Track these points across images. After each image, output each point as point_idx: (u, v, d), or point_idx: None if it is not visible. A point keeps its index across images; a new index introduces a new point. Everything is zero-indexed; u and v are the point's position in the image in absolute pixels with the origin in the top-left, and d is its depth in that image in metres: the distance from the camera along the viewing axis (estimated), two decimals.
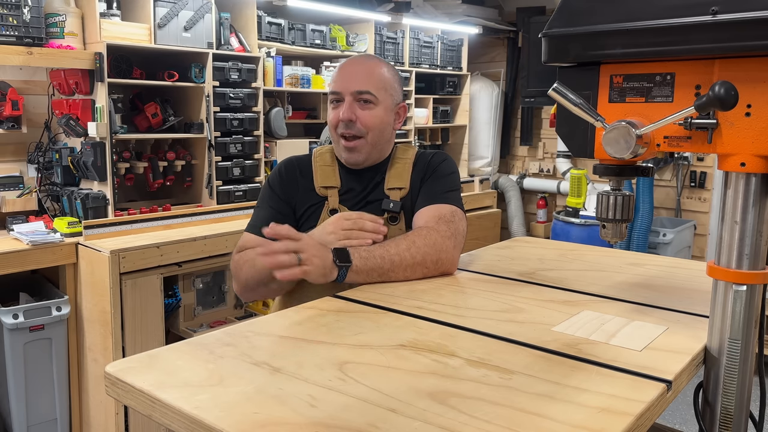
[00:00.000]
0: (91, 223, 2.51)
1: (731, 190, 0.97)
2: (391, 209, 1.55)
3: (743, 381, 1.01)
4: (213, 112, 3.00)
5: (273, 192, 1.63)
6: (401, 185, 1.59)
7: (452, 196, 1.57)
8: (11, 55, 2.40)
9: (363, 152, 1.57)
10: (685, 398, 1.69)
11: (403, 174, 1.61)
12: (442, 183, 1.59)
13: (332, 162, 1.64)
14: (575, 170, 4.13)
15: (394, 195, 1.58)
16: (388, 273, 1.39)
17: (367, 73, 1.59)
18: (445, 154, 1.69)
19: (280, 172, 1.65)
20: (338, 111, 1.57)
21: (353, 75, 1.58)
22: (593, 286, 1.40)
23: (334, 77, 1.60)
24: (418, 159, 1.65)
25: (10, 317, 2.32)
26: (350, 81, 1.57)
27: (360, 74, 1.58)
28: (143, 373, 0.93)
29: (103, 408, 2.50)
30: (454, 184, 1.62)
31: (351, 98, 1.55)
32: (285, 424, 0.78)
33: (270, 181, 1.66)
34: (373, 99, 1.57)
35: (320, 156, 1.66)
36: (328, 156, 1.65)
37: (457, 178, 1.64)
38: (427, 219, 1.50)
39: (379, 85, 1.58)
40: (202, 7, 2.92)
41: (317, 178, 1.61)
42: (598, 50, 1.00)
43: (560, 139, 1.17)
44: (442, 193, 1.57)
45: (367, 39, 3.84)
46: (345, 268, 1.34)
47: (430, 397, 0.85)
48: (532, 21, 4.43)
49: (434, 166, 1.62)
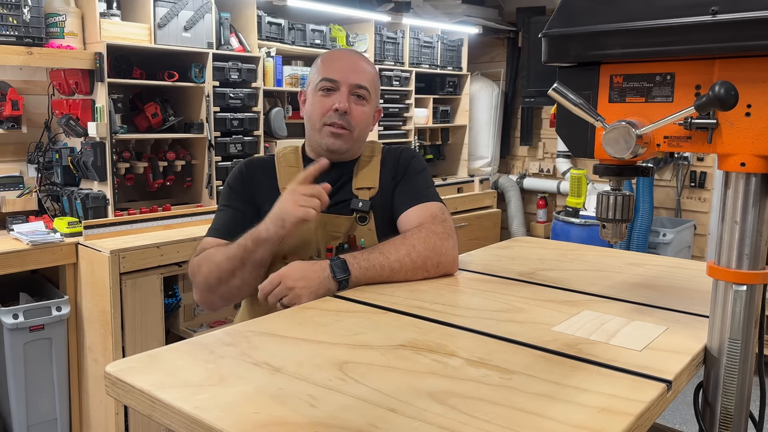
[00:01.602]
0: (91, 223, 2.51)
1: (731, 190, 0.97)
2: (360, 209, 1.52)
3: (743, 381, 1.01)
4: (213, 112, 3.00)
5: (234, 193, 1.56)
6: (370, 185, 1.56)
7: (433, 193, 1.57)
8: (11, 55, 2.40)
9: (347, 142, 1.54)
10: (685, 398, 1.69)
11: (372, 173, 1.58)
12: (420, 180, 1.58)
13: (297, 162, 1.59)
14: (575, 170, 4.13)
15: (362, 195, 1.54)
16: (387, 279, 1.39)
17: (364, 68, 1.57)
18: (412, 149, 1.67)
19: (242, 172, 1.58)
20: (331, 99, 1.51)
21: (352, 67, 1.54)
22: (593, 286, 1.40)
23: (328, 64, 1.55)
24: (385, 156, 1.62)
25: (10, 317, 2.32)
26: (349, 72, 1.53)
27: (358, 68, 1.55)
28: (143, 373, 0.93)
29: (103, 408, 2.50)
30: (430, 179, 1.61)
31: (347, 90, 1.52)
32: (285, 424, 0.78)
33: (230, 182, 1.59)
34: (366, 95, 1.55)
35: (284, 156, 1.61)
36: (292, 156, 1.61)
37: (429, 173, 1.63)
38: (421, 219, 1.48)
39: (372, 83, 1.57)
40: (202, 7, 2.92)
41: (282, 179, 1.55)
42: (598, 50, 1.00)
43: (560, 139, 1.17)
44: (424, 190, 1.56)
45: (367, 39, 3.84)
46: (345, 281, 1.33)
47: (430, 397, 0.85)
48: (532, 21, 4.43)
49: (405, 164, 1.59)
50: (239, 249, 1.38)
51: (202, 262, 1.44)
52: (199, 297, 1.47)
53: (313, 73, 1.57)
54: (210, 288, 1.43)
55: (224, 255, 1.40)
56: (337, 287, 1.32)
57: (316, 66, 1.58)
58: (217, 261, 1.40)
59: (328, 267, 1.32)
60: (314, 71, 1.58)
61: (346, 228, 1.50)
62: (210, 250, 1.44)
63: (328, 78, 1.52)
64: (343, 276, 1.32)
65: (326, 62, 1.56)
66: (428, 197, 1.54)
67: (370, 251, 1.39)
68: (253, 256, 1.37)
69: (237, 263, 1.38)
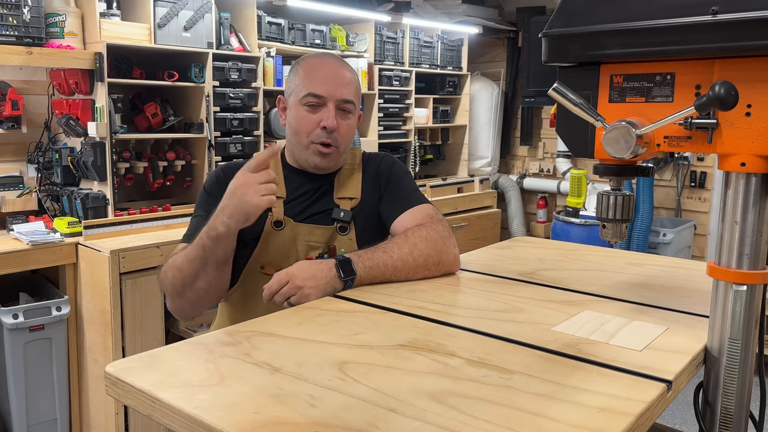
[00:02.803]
0: (91, 223, 2.51)
1: (731, 190, 0.97)
2: (342, 219, 1.50)
3: (743, 381, 1.01)
4: (213, 112, 3.00)
5: (212, 197, 1.48)
6: (352, 195, 1.55)
7: (421, 195, 1.58)
8: (11, 55, 2.40)
9: (335, 160, 1.53)
10: (685, 398, 1.69)
11: (353, 183, 1.56)
12: (406, 185, 1.58)
13: (276, 169, 1.55)
14: (575, 170, 4.13)
15: (344, 204, 1.53)
16: (390, 278, 1.39)
17: (349, 80, 1.52)
18: (391, 156, 1.67)
19: (218, 177, 1.53)
20: (318, 116, 1.47)
21: (337, 80, 1.49)
22: (593, 286, 1.40)
23: (311, 76, 1.49)
24: (366, 165, 1.60)
25: (10, 317, 2.32)
26: (335, 87, 1.48)
27: (344, 80, 1.50)
28: (143, 373, 0.93)
29: (103, 408, 2.50)
30: (414, 182, 1.63)
31: (334, 106, 1.48)
32: (285, 424, 0.78)
33: (207, 187, 1.54)
34: (352, 109, 1.52)
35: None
36: (271, 163, 1.55)
37: (412, 176, 1.64)
38: (417, 221, 1.48)
39: (357, 94, 1.54)
40: (202, 7, 2.92)
41: None
42: (598, 50, 1.00)
43: (560, 139, 1.17)
44: (412, 193, 1.57)
45: (367, 39, 3.84)
46: (351, 281, 1.33)
47: (430, 397, 0.85)
48: (532, 21, 4.43)
49: (387, 172, 1.59)
50: (198, 249, 1.34)
51: (167, 268, 1.41)
52: (170, 304, 1.45)
53: (295, 83, 1.51)
54: (177, 293, 1.40)
55: (185, 257, 1.36)
56: (343, 287, 1.33)
57: (298, 75, 1.52)
58: (179, 264, 1.37)
59: (334, 267, 1.32)
60: (296, 80, 1.51)
61: (326, 238, 1.49)
62: (175, 256, 1.41)
63: (313, 93, 1.47)
64: (349, 276, 1.32)
65: (309, 73, 1.50)
66: (418, 200, 1.55)
67: (373, 250, 1.39)
68: (213, 254, 1.34)
69: (198, 264, 1.35)
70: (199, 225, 1.45)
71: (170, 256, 1.44)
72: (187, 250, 1.38)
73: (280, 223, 1.48)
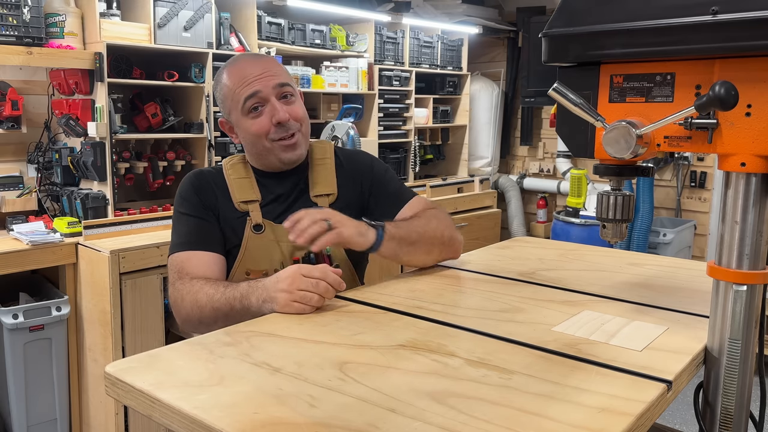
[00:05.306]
0: (91, 223, 2.51)
1: (731, 190, 0.97)
2: None
3: (743, 381, 1.01)
4: (213, 112, 3.00)
5: (190, 202, 1.46)
6: (329, 191, 1.54)
7: (408, 188, 1.64)
8: (11, 55, 2.40)
9: (302, 146, 1.51)
10: (685, 398, 1.69)
11: (328, 178, 1.55)
12: (393, 181, 1.62)
13: (247, 173, 1.52)
14: (575, 170, 4.13)
15: (321, 201, 1.52)
16: (414, 245, 1.43)
17: (272, 65, 1.47)
18: (366, 152, 1.69)
19: (192, 182, 1.50)
20: (266, 116, 1.44)
21: (263, 71, 1.44)
22: (593, 286, 1.40)
23: (238, 81, 1.44)
24: (341, 161, 1.59)
25: (10, 317, 2.31)
26: (265, 78, 1.44)
27: (269, 69, 1.45)
28: (143, 373, 0.93)
29: (103, 408, 2.50)
30: (397, 176, 1.66)
31: (275, 96, 1.44)
32: (285, 424, 0.78)
33: (182, 193, 1.49)
34: (293, 91, 1.49)
35: (233, 168, 1.52)
36: (241, 167, 1.53)
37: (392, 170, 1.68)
38: (418, 211, 1.53)
39: (286, 74, 1.51)
40: (202, 7, 2.92)
41: (234, 193, 1.48)
42: (598, 50, 1.00)
43: (560, 139, 1.17)
44: (402, 189, 1.61)
45: (367, 39, 3.84)
46: (381, 228, 1.37)
47: (430, 397, 0.85)
48: (532, 21, 4.42)
49: (369, 171, 1.59)
50: (227, 305, 1.28)
51: (185, 295, 1.34)
52: (180, 325, 1.41)
53: (229, 99, 1.47)
54: (191, 325, 1.36)
55: (209, 301, 1.30)
56: (375, 235, 1.36)
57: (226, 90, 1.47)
58: (201, 304, 1.31)
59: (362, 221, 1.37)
60: (227, 97, 1.47)
61: None
62: (196, 285, 1.34)
63: (249, 95, 1.43)
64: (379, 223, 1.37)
65: (234, 79, 1.45)
66: (410, 193, 1.60)
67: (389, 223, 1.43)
68: (239, 316, 1.26)
69: (221, 315, 1.29)
70: (187, 230, 1.43)
71: (177, 271, 1.39)
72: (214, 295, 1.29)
73: (260, 227, 1.46)
